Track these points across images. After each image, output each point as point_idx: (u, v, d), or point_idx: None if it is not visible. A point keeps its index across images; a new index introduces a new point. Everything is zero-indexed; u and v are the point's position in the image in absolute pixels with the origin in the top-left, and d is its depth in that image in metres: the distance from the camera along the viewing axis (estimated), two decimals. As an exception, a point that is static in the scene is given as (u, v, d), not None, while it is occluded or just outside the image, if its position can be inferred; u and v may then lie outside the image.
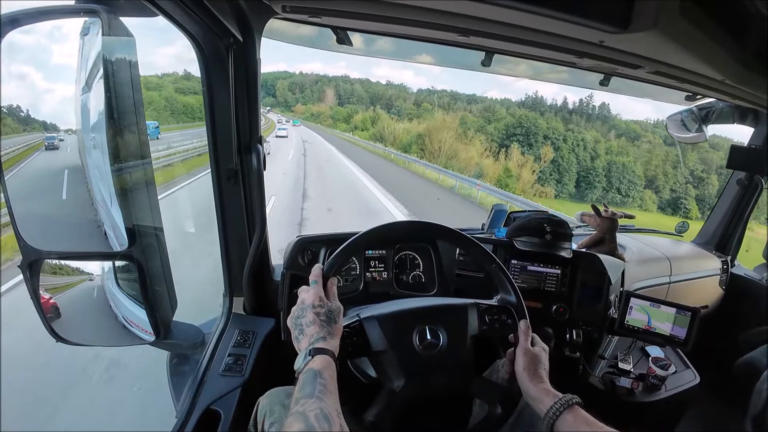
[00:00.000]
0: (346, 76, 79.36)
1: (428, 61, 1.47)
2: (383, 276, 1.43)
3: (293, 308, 0.84)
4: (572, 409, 0.79)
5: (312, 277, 0.87)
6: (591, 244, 1.67)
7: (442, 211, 10.95)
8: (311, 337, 0.78)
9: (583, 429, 0.76)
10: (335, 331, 0.80)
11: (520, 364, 0.90)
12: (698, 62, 1.07)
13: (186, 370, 1.18)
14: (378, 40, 1.25)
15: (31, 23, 0.69)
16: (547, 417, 0.80)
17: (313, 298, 0.82)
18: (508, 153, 32.63)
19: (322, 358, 0.74)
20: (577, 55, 1.15)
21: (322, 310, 0.81)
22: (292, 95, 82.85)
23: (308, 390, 0.68)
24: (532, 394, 0.85)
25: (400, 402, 0.85)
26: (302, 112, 73.52)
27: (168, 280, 0.92)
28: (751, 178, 1.92)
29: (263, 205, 1.20)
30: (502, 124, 36.95)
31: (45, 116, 0.94)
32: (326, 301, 0.83)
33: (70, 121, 0.90)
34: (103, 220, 0.84)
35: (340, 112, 63.14)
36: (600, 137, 36.10)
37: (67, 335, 0.84)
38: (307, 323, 0.80)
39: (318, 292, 0.84)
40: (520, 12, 0.82)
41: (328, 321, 0.80)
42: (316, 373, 0.70)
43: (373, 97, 64.88)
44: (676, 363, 1.50)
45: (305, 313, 0.81)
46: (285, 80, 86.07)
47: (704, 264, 2.01)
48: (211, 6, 0.82)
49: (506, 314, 0.97)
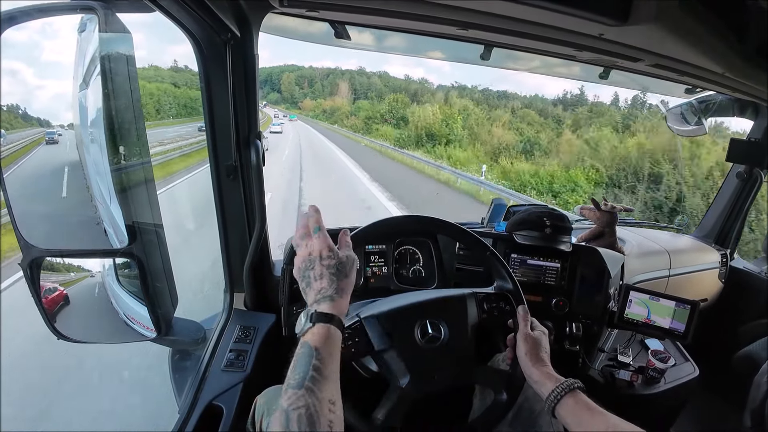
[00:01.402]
0: (362, 68, 69.73)
1: (427, 55, 1.46)
2: (383, 271, 1.43)
3: (297, 259, 0.75)
4: (573, 393, 0.79)
5: (312, 222, 0.76)
6: (590, 237, 1.67)
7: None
8: (317, 293, 0.71)
9: (583, 413, 0.76)
10: (345, 285, 0.73)
11: (521, 348, 0.90)
12: (698, 55, 1.07)
13: (188, 366, 1.19)
14: (376, 33, 1.25)
15: (29, 20, 0.69)
16: (548, 400, 0.80)
17: (320, 247, 0.73)
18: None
19: (322, 329, 0.66)
20: (576, 48, 1.14)
21: (332, 262, 0.72)
22: (300, 90, 75.54)
23: (299, 375, 0.61)
24: (535, 377, 0.85)
25: (408, 399, 0.85)
26: (311, 108, 64.99)
27: (168, 277, 0.92)
28: (751, 171, 1.92)
29: (263, 200, 1.20)
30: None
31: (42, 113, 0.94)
32: (336, 251, 0.74)
33: (67, 117, 0.90)
34: (102, 218, 0.84)
35: (372, 109, 44.14)
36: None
37: (69, 333, 0.84)
38: (315, 276, 0.72)
39: (325, 239, 0.74)
40: (520, 5, 0.82)
41: (338, 274, 0.72)
42: (311, 351, 0.63)
43: (395, 91, 49.93)
44: (676, 356, 1.51)
45: (313, 265, 0.72)
46: (292, 73, 78.57)
47: (703, 257, 2.01)
48: (209, 1, 0.81)
49: (504, 301, 0.99)
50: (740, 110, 1.84)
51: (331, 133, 37.08)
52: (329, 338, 0.66)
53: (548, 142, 24.15)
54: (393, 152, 21.78)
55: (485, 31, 1.08)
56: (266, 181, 1.18)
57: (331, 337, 0.66)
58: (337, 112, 54.84)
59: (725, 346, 1.80)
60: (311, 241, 0.74)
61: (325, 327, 0.67)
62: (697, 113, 1.86)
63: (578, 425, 0.76)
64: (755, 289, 1.99)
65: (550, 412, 0.80)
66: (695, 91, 1.70)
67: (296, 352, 0.65)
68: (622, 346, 1.51)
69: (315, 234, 0.75)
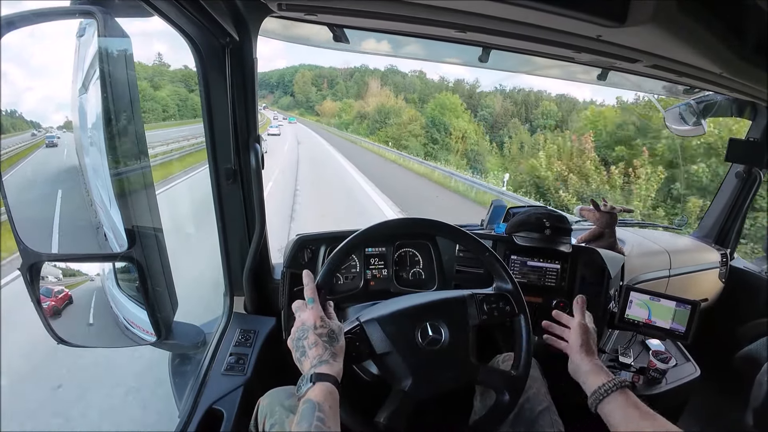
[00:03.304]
0: (393, 66, 54.80)
1: (425, 58, 1.47)
2: (383, 273, 1.43)
3: (293, 329, 0.83)
4: (624, 390, 0.82)
5: (307, 293, 0.85)
6: (590, 238, 1.67)
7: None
8: (314, 359, 0.77)
9: (633, 411, 0.78)
10: (338, 350, 0.79)
11: (577, 338, 0.94)
12: (696, 55, 1.07)
13: (188, 370, 1.19)
14: (374, 37, 1.25)
15: (28, 25, 0.69)
16: (597, 393, 0.82)
17: (314, 319, 0.81)
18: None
19: (322, 387, 0.72)
20: (574, 50, 1.14)
21: (324, 331, 0.80)
22: (317, 91, 62.14)
23: (305, 425, 0.67)
24: (586, 368, 0.88)
25: (411, 402, 0.85)
26: (333, 113, 46.91)
27: (168, 281, 0.92)
28: (750, 171, 1.92)
29: (262, 203, 1.20)
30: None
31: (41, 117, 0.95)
32: (327, 321, 0.82)
33: (67, 121, 0.90)
34: (102, 222, 0.84)
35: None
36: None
37: (69, 337, 0.84)
38: (309, 345, 0.78)
39: (317, 311, 0.82)
40: (517, 7, 0.82)
41: (331, 341, 0.79)
42: (314, 406, 0.69)
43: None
44: (677, 356, 1.50)
45: (306, 335, 0.79)
46: (309, 72, 65.40)
47: (704, 257, 2.01)
48: (207, 5, 0.82)
49: (504, 302, 0.98)
50: (739, 110, 1.84)
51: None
52: (330, 394, 0.72)
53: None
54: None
55: (483, 34, 1.08)
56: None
57: (331, 393, 0.72)
58: (392, 120, 31.21)
59: (726, 346, 1.80)
60: (304, 313, 0.83)
61: (325, 384, 0.72)
62: (696, 113, 1.86)
63: (626, 423, 0.78)
64: (755, 289, 1.99)
65: (594, 406, 0.83)
66: (694, 91, 1.71)
67: (299, 409, 0.70)
68: (623, 347, 1.50)
69: (309, 305, 0.83)
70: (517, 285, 1.00)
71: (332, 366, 0.76)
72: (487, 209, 1.68)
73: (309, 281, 0.86)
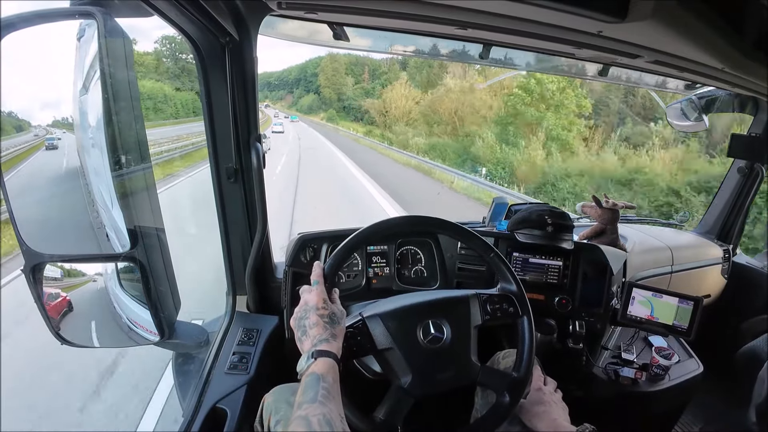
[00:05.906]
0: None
1: (425, 55, 1.46)
2: (385, 271, 1.43)
3: (296, 309, 0.84)
4: None
5: (313, 276, 0.87)
6: (592, 235, 1.67)
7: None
8: (314, 338, 0.78)
9: None
10: (338, 332, 0.81)
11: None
12: (697, 51, 1.07)
13: (191, 369, 1.19)
14: (374, 34, 1.25)
15: (27, 27, 0.69)
16: None
17: (316, 300, 0.82)
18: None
19: (324, 361, 0.74)
20: (575, 46, 1.14)
21: (326, 312, 0.81)
22: (355, 85, 44.02)
23: (311, 394, 0.68)
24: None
25: (410, 398, 0.85)
26: (404, 112, 31.47)
27: (171, 280, 0.92)
28: (752, 167, 1.91)
29: (264, 202, 1.20)
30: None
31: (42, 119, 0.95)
32: (330, 303, 0.83)
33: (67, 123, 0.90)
34: (104, 222, 0.84)
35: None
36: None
37: (72, 338, 0.84)
38: (310, 324, 0.80)
39: (321, 293, 0.84)
40: (519, 3, 0.82)
41: (332, 322, 0.80)
42: (318, 377, 0.71)
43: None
44: (679, 352, 1.51)
45: (308, 315, 0.81)
46: (343, 57, 45.40)
47: (706, 253, 2.01)
48: (206, 5, 0.82)
49: (507, 303, 0.98)
50: (740, 105, 1.83)
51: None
52: (333, 368, 0.74)
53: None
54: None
55: (484, 30, 1.08)
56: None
57: (333, 367, 0.74)
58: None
59: (729, 342, 1.79)
60: (308, 294, 0.84)
61: (326, 360, 0.74)
62: (697, 109, 1.85)
63: None
64: (758, 285, 1.99)
65: None
66: (695, 86, 1.70)
67: (303, 381, 0.72)
68: (626, 344, 1.50)
69: (314, 287, 0.85)
70: (522, 287, 0.99)
71: (332, 344, 0.77)
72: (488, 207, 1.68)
73: (317, 267, 0.88)
